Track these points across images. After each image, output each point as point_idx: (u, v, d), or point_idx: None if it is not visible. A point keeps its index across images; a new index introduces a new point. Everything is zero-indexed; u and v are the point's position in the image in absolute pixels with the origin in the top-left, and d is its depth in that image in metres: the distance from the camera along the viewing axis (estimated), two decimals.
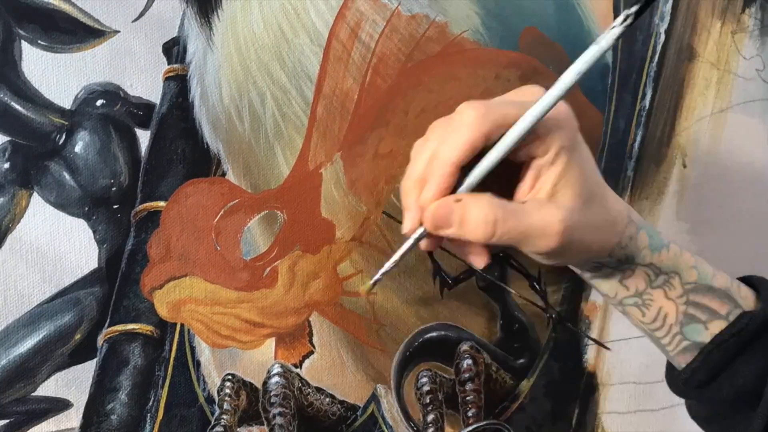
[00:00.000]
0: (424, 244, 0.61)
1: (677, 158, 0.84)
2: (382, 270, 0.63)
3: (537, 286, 0.77)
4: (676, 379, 0.65)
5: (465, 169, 0.56)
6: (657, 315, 0.63)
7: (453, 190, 0.56)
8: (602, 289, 0.64)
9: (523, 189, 0.58)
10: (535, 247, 0.57)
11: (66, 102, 0.62)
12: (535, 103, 0.55)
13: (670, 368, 0.66)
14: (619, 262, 0.61)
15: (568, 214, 0.56)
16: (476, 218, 0.55)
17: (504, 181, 0.58)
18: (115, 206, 0.64)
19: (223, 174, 0.66)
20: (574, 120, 0.57)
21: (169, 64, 0.65)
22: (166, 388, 0.65)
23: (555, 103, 0.55)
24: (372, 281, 0.63)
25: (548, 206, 0.56)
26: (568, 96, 0.55)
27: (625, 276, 0.62)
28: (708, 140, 0.85)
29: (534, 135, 0.55)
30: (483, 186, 0.57)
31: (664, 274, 0.62)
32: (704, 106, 0.84)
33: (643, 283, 0.62)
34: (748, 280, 0.65)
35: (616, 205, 0.60)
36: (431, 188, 0.56)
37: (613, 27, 0.54)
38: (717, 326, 0.62)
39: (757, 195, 0.88)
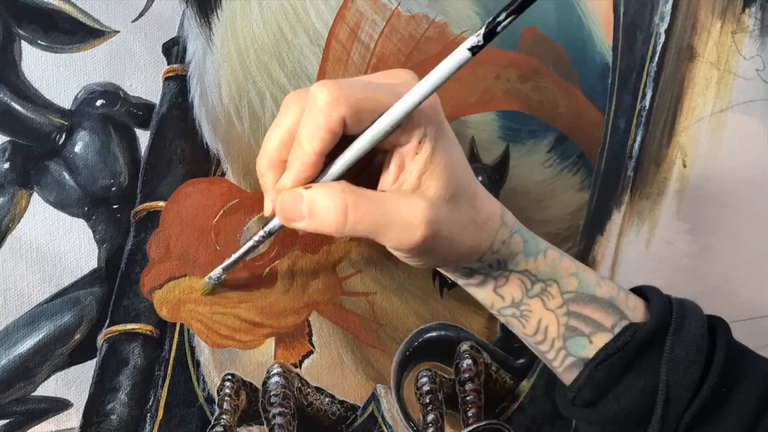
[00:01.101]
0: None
1: (677, 158, 0.84)
2: (233, 257, 0.61)
3: None
4: (562, 399, 0.62)
5: (329, 155, 0.53)
6: (538, 327, 0.59)
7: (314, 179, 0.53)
8: (479, 298, 0.60)
9: (386, 180, 0.54)
10: (398, 241, 0.53)
11: (66, 102, 0.62)
12: (395, 85, 0.52)
13: (560, 386, 0.63)
14: (491, 268, 0.58)
15: (433, 206, 0.52)
16: (326, 206, 0.51)
17: (368, 171, 0.55)
18: (115, 206, 0.64)
19: (223, 174, 0.66)
20: (440, 108, 0.54)
21: (168, 64, 0.65)
22: (165, 388, 0.65)
23: (431, 93, 0.51)
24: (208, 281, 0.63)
25: (411, 196, 0.52)
26: (443, 86, 0.52)
27: (499, 284, 0.58)
28: (708, 140, 0.85)
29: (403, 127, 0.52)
30: (347, 177, 0.53)
31: (541, 282, 0.58)
32: (704, 106, 0.84)
33: (519, 292, 0.58)
34: (640, 290, 0.62)
35: (487, 206, 0.57)
36: (290, 175, 0.53)
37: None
38: (601, 339, 0.58)
39: (757, 195, 0.88)
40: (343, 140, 0.53)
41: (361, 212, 0.51)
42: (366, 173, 0.55)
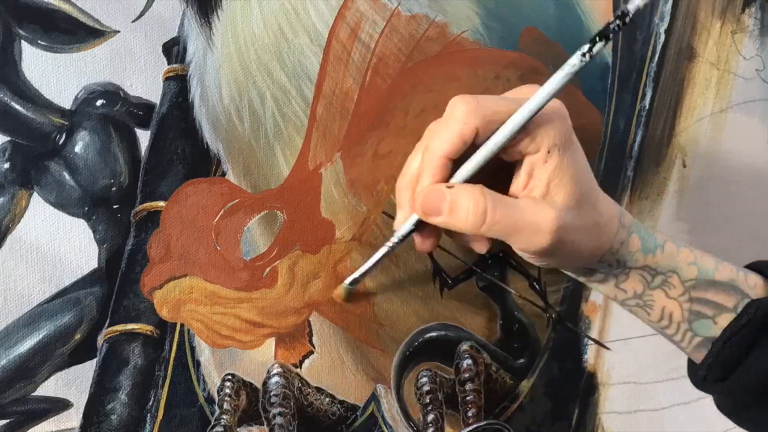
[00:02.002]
0: (421, 244, 0.61)
1: (677, 158, 0.84)
2: (370, 262, 0.65)
3: (537, 286, 0.77)
4: (695, 377, 0.64)
5: (458, 163, 0.56)
6: (662, 314, 0.62)
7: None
8: (602, 292, 0.64)
9: (516, 186, 0.58)
10: (526, 244, 0.57)
11: (66, 102, 0.62)
12: (527, 99, 0.55)
13: (691, 364, 0.65)
14: (610, 267, 0.61)
15: (561, 213, 0.56)
16: (466, 206, 0.55)
17: (499, 180, 0.58)
18: (115, 206, 0.64)
19: (223, 174, 0.66)
20: (568, 118, 0.57)
21: (169, 64, 0.65)
22: (166, 388, 0.65)
23: (547, 101, 0.55)
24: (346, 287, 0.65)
25: (542, 204, 0.56)
26: (560, 93, 0.55)
27: (620, 280, 0.61)
28: (708, 140, 0.85)
29: (525, 132, 0.55)
30: (476, 181, 0.57)
31: (661, 275, 0.61)
32: (704, 106, 0.84)
33: (641, 286, 0.61)
34: (757, 267, 0.64)
35: (608, 209, 0.60)
36: (424, 181, 0.57)
37: (611, 23, 0.54)
38: (726, 320, 0.61)
39: (757, 195, 0.88)
40: (471, 150, 0.57)
41: (498, 216, 0.55)
42: (496, 181, 0.58)
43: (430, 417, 0.72)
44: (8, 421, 0.61)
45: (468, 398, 0.74)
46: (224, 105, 0.66)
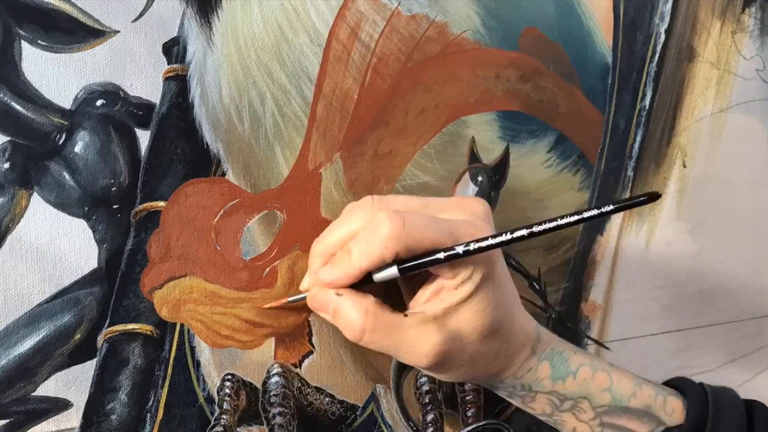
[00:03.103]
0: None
1: (677, 158, 0.84)
2: (274, 304, 0.67)
3: (536, 286, 0.77)
4: None
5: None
6: None
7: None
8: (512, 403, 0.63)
9: (418, 299, 0.57)
10: (407, 360, 0.57)
11: (66, 102, 0.62)
12: (463, 237, 0.54)
13: None
14: (514, 389, 0.60)
15: (446, 340, 0.55)
16: (348, 318, 0.56)
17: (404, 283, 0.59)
18: (115, 206, 0.64)
19: (223, 174, 0.66)
20: (497, 253, 0.57)
21: (169, 64, 0.65)
22: (165, 388, 0.65)
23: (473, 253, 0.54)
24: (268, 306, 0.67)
25: (428, 326, 0.56)
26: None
27: (526, 401, 0.61)
28: (708, 140, 0.85)
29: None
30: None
31: (571, 400, 0.60)
32: (704, 105, 0.84)
33: (549, 408, 0.61)
34: (680, 386, 0.62)
35: (520, 339, 0.59)
36: (333, 273, 0.57)
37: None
38: None
39: (757, 195, 0.88)
40: None
41: (376, 336, 0.56)
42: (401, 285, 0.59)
43: (430, 417, 0.72)
44: (8, 421, 0.61)
45: (467, 398, 0.74)
46: (224, 105, 0.66)
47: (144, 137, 0.64)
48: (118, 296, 0.64)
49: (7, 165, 0.61)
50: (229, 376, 0.67)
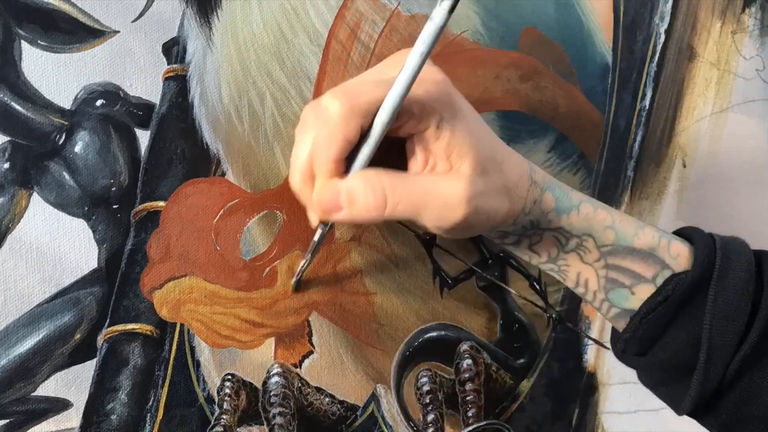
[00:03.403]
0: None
1: (677, 158, 0.84)
2: (298, 270, 0.65)
3: (537, 286, 0.77)
4: (614, 348, 0.62)
5: (350, 156, 0.54)
6: (578, 280, 0.60)
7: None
8: (515, 254, 0.61)
9: (416, 166, 0.55)
10: (438, 220, 0.54)
11: (66, 102, 0.62)
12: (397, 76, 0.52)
13: (612, 334, 0.63)
14: (524, 229, 0.58)
15: (470, 184, 0.53)
16: (364, 191, 0.52)
17: (394, 158, 0.56)
18: (115, 206, 0.64)
19: (223, 174, 0.66)
20: (450, 87, 0.55)
21: (168, 64, 0.65)
22: (165, 388, 0.65)
23: (415, 73, 0.51)
24: (294, 281, 0.65)
25: (449, 176, 0.53)
26: (428, 55, 0.51)
27: (533, 242, 0.59)
28: (708, 140, 0.85)
29: (407, 112, 0.53)
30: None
31: (576, 237, 0.58)
32: (704, 106, 0.84)
33: (555, 249, 0.59)
34: (686, 234, 0.61)
35: (516, 168, 0.57)
36: (318, 185, 0.54)
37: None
38: (644, 291, 0.58)
39: (757, 195, 0.88)
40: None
41: (399, 192, 0.52)
42: (395, 165, 0.55)
43: (430, 417, 0.72)
44: (8, 421, 0.61)
45: (468, 398, 0.74)
46: (224, 105, 0.66)
47: (144, 137, 0.65)
48: (118, 296, 0.64)
49: (7, 165, 0.61)
50: (229, 376, 0.67)
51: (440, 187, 0.53)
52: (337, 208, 0.53)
